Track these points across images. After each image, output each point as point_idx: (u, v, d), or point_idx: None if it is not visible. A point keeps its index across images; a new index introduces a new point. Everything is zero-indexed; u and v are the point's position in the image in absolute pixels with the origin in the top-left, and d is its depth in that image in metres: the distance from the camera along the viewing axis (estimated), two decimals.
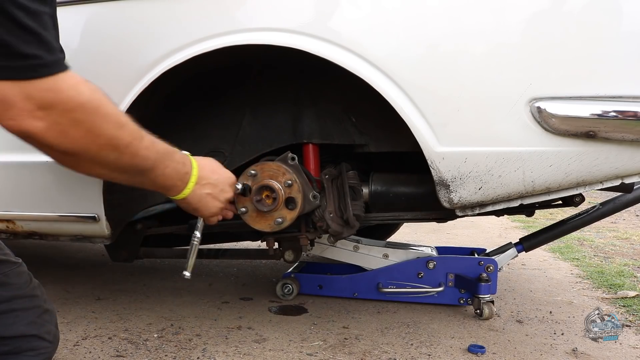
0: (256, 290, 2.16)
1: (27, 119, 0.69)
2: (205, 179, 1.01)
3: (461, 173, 1.21)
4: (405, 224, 2.99)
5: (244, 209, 1.27)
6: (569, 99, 1.12)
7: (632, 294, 2.15)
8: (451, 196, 1.23)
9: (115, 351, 1.49)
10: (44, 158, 0.80)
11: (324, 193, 1.43)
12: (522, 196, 1.23)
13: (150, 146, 0.86)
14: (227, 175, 1.12)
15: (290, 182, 1.28)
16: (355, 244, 1.97)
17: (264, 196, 1.28)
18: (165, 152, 0.91)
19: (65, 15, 0.97)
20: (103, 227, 1.47)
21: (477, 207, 1.27)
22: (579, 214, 1.86)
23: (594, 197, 4.53)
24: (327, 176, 1.44)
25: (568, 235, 2.76)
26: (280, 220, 1.29)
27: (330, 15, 1.19)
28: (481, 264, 1.82)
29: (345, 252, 1.97)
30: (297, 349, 1.53)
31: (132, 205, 1.51)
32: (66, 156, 0.77)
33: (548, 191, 1.21)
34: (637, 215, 4.86)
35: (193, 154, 1.05)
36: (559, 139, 1.14)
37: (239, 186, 1.23)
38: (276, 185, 1.27)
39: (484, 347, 1.53)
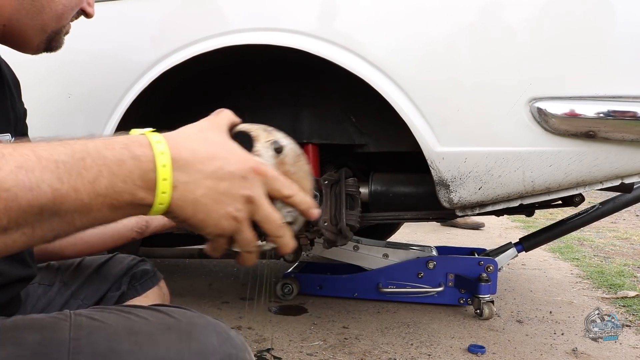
0: (256, 290, 2.16)
1: None
2: (192, 170, 0.46)
3: (461, 173, 1.20)
4: (405, 224, 2.99)
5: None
6: (569, 99, 1.12)
7: (632, 294, 2.15)
8: (451, 196, 1.23)
9: None
10: None
11: (321, 200, 1.43)
12: (522, 196, 1.22)
13: (49, 159, 0.40)
14: (237, 154, 0.50)
15: None
16: (355, 244, 1.97)
17: None
18: (87, 150, 0.42)
19: None
20: None
21: (477, 207, 1.27)
22: (579, 214, 1.86)
23: (594, 197, 4.52)
24: (326, 182, 1.44)
25: (568, 235, 2.77)
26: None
27: (330, 15, 1.19)
28: (481, 264, 1.82)
29: (345, 252, 1.97)
30: (297, 349, 1.52)
31: None
32: None
33: (548, 191, 1.21)
34: (637, 215, 4.86)
35: None
36: (559, 139, 1.14)
37: (269, 152, 0.54)
38: None
39: (484, 347, 1.53)
